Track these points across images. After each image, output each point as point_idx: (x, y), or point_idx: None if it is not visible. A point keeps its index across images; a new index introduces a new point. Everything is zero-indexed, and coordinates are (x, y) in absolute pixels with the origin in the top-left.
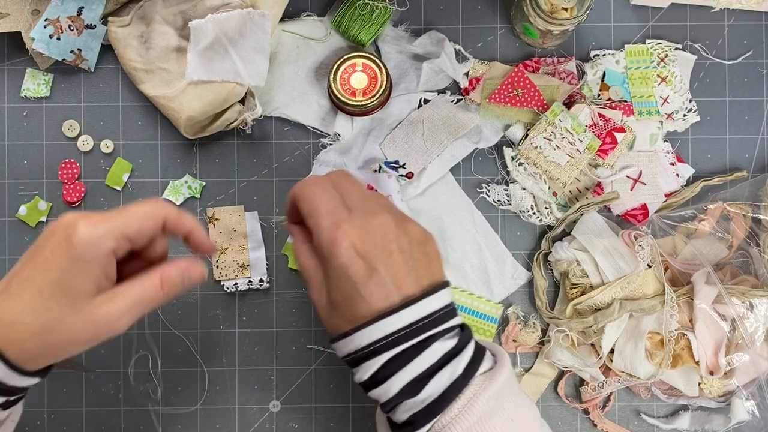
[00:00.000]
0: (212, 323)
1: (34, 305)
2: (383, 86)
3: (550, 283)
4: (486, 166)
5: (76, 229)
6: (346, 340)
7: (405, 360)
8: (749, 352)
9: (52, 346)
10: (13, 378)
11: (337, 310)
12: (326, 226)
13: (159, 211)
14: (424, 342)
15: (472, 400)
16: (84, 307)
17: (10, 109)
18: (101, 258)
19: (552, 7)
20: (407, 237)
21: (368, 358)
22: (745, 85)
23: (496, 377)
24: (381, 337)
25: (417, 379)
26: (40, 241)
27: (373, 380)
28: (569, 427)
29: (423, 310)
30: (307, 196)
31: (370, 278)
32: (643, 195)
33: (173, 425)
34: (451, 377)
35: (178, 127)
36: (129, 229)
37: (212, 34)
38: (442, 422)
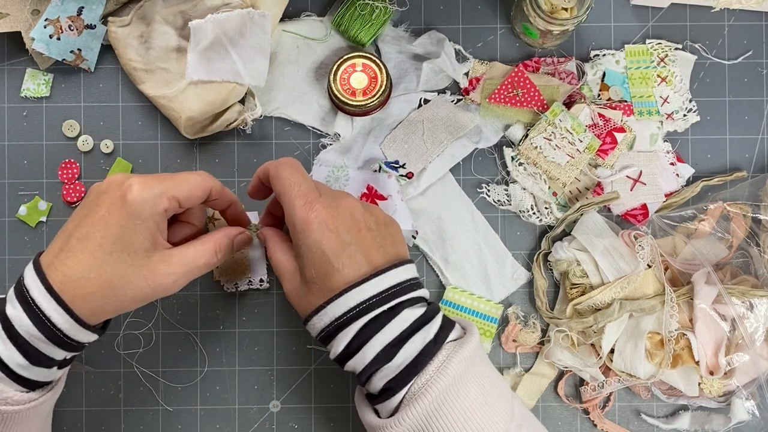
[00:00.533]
0: (212, 323)
1: (97, 260)
2: (383, 86)
3: (550, 283)
4: (486, 166)
5: (131, 187)
6: (321, 314)
7: (378, 326)
8: (749, 352)
9: (114, 300)
10: (78, 332)
11: (312, 287)
12: (300, 205)
13: (207, 181)
14: (395, 309)
15: (445, 363)
16: (144, 263)
17: (10, 109)
18: (156, 216)
19: (552, 7)
20: (374, 218)
21: (342, 328)
22: (745, 85)
23: (466, 343)
24: (354, 305)
25: (391, 344)
26: (92, 199)
27: (348, 350)
28: (569, 427)
29: (392, 280)
30: (283, 176)
31: (343, 251)
32: (643, 195)
33: (173, 425)
34: (424, 341)
35: (178, 127)
36: (180, 193)
37: (212, 34)
38: (418, 385)
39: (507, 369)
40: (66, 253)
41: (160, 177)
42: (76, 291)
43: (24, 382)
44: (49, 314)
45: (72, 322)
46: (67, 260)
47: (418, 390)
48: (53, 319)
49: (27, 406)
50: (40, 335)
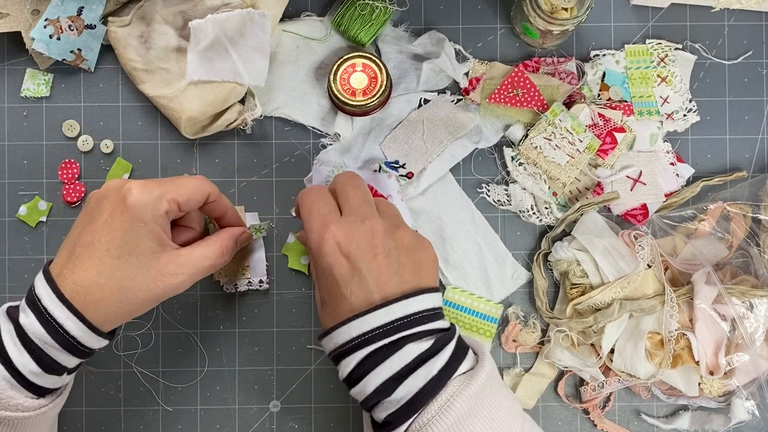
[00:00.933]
0: (212, 323)
1: (106, 266)
2: (383, 86)
3: (550, 283)
4: (486, 166)
5: (131, 191)
6: (329, 337)
7: (379, 359)
8: (749, 352)
9: (126, 303)
10: (91, 339)
11: (325, 309)
12: (315, 228)
13: (206, 186)
14: (397, 342)
15: (449, 402)
16: (152, 264)
17: (10, 109)
18: (158, 218)
19: (552, 7)
20: (395, 242)
21: (346, 355)
22: (745, 85)
23: (474, 379)
24: (356, 335)
25: (392, 378)
26: (92, 206)
27: (351, 378)
28: (569, 427)
29: (399, 312)
30: (304, 203)
31: (353, 278)
32: (643, 195)
33: (173, 425)
34: (426, 378)
35: (178, 127)
36: (180, 196)
37: (212, 34)
38: (419, 423)
39: (507, 369)
40: (74, 262)
41: (159, 180)
42: (88, 298)
43: (34, 389)
44: (62, 322)
45: (85, 329)
46: (76, 268)
47: (420, 429)
48: (66, 326)
49: (37, 412)
50: (53, 343)
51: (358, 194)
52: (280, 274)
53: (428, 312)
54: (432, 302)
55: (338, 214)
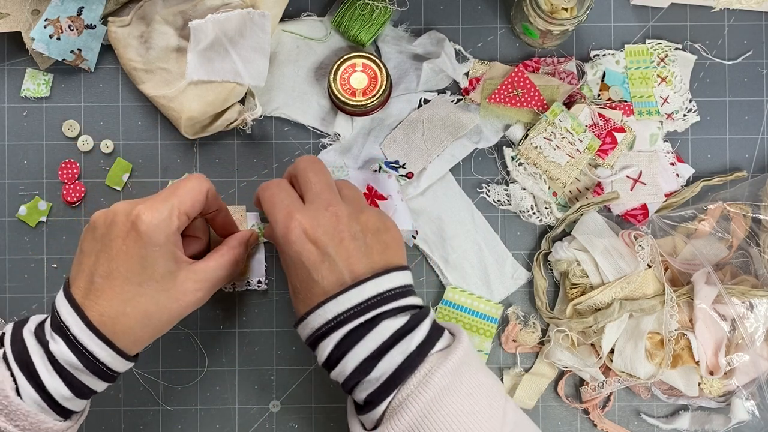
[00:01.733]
0: (212, 323)
1: (129, 294)
2: (383, 86)
3: (550, 283)
4: (486, 166)
5: (140, 217)
6: (304, 323)
7: (356, 338)
8: (749, 352)
9: (153, 327)
10: (119, 363)
11: (297, 297)
12: (280, 219)
13: (204, 184)
14: (373, 320)
15: (427, 376)
16: (172, 285)
17: (10, 109)
18: (171, 237)
19: (552, 7)
20: (360, 225)
21: (323, 338)
22: (745, 85)
23: (452, 353)
24: (331, 317)
25: (370, 357)
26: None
27: (330, 361)
28: (569, 427)
29: (371, 290)
30: (266, 197)
31: (322, 263)
32: (643, 195)
33: (173, 425)
34: (404, 354)
35: (178, 127)
36: (184, 205)
37: (212, 34)
38: (399, 399)
39: (507, 369)
40: (95, 294)
41: (164, 196)
42: (117, 327)
43: (63, 412)
44: (93, 350)
45: (114, 354)
46: (99, 299)
47: (399, 404)
48: (97, 354)
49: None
50: (84, 369)
51: (320, 180)
52: (279, 274)
53: (400, 289)
54: (402, 279)
55: (301, 203)
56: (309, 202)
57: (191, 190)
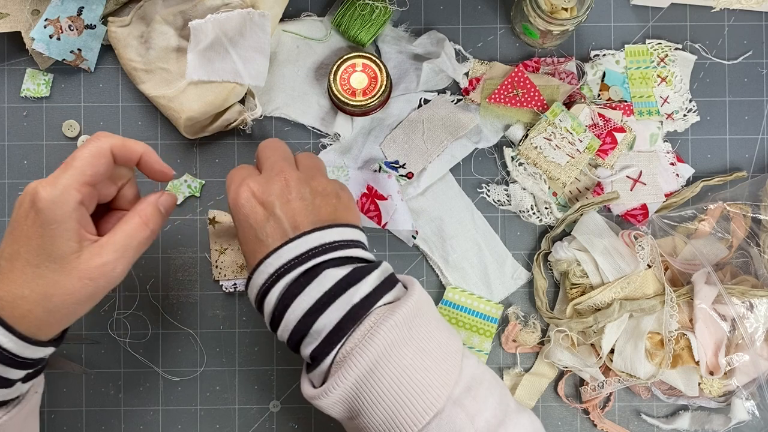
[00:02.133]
0: (212, 323)
1: (27, 276)
2: (383, 86)
3: (550, 283)
4: (486, 166)
5: (37, 193)
6: (250, 283)
7: (297, 289)
8: (749, 352)
9: (57, 311)
10: (27, 349)
11: (247, 262)
12: (233, 188)
13: (103, 144)
14: (314, 270)
15: (373, 329)
16: (75, 265)
17: (10, 109)
18: (71, 213)
19: (552, 7)
20: (309, 188)
21: (266, 295)
22: (745, 85)
23: (400, 307)
24: (273, 270)
25: (311, 310)
26: (14, 215)
27: (273, 320)
28: (569, 427)
29: (315, 241)
30: (228, 176)
31: (267, 222)
32: (643, 195)
33: (173, 425)
34: (347, 306)
35: (178, 127)
36: (84, 175)
37: (212, 34)
38: (343, 353)
39: (507, 369)
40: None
41: (60, 171)
42: (15, 312)
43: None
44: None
45: (17, 340)
46: (1, 283)
47: (343, 358)
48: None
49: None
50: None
51: (276, 153)
52: None
53: (347, 241)
54: (352, 234)
55: (257, 173)
56: (264, 171)
57: (89, 155)
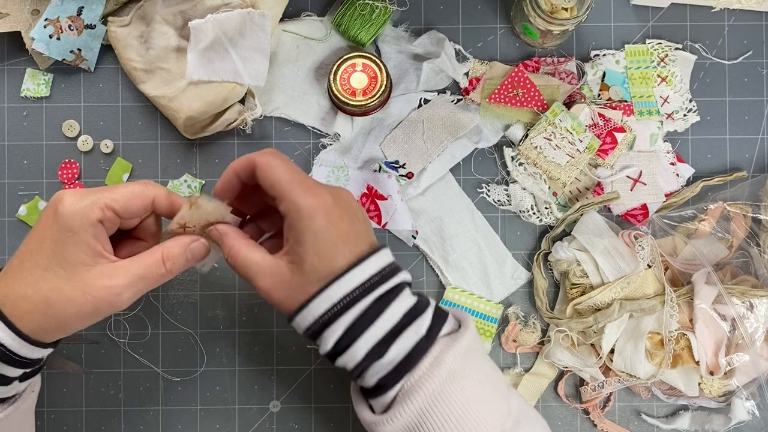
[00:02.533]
0: (212, 323)
1: (34, 277)
2: (383, 86)
3: (550, 283)
4: (486, 166)
5: (62, 199)
6: (306, 310)
7: (368, 321)
8: (749, 352)
9: (55, 318)
10: (25, 348)
11: (311, 276)
12: (302, 192)
13: (148, 191)
14: (382, 301)
15: (438, 359)
16: (81, 277)
17: (10, 109)
18: (89, 227)
19: (552, 7)
20: (362, 211)
21: (329, 325)
22: (745, 85)
23: (460, 337)
24: (338, 299)
25: (382, 340)
26: (39, 217)
27: (338, 348)
28: (569, 427)
29: (372, 267)
30: (275, 165)
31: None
32: (643, 195)
33: (173, 425)
34: (416, 336)
35: (178, 127)
36: (115, 202)
37: (212, 34)
38: (411, 382)
39: (507, 369)
40: (7, 274)
41: (95, 189)
42: (15, 310)
43: None
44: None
45: (16, 338)
46: (8, 279)
47: (411, 386)
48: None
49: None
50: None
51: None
52: None
53: (393, 264)
54: (389, 255)
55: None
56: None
57: (130, 192)
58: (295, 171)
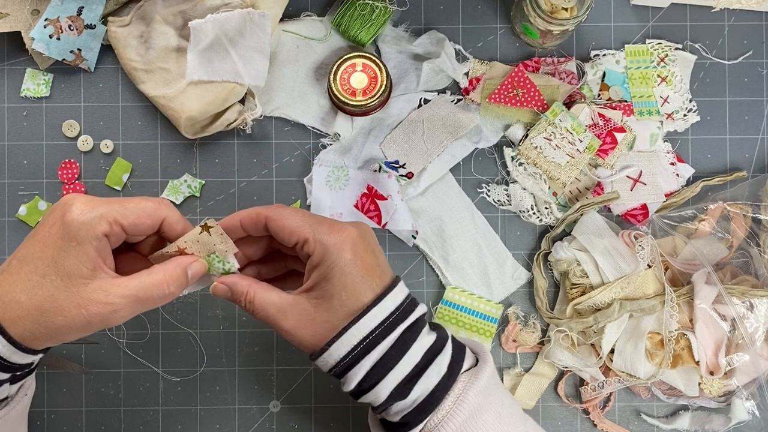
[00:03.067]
0: (212, 323)
1: (30, 283)
2: (383, 86)
3: (550, 283)
4: (486, 166)
5: (71, 207)
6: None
7: (390, 364)
8: (749, 352)
9: (45, 326)
10: (14, 354)
11: (338, 312)
12: (327, 229)
13: (159, 211)
14: (402, 341)
15: (461, 397)
16: (78, 289)
17: (10, 109)
18: (94, 240)
19: (552, 7)
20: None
21: (352, 367)
22: (745, 85)
23: (481, 373)
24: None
25: (405, 380)
26: (42, 219)
27: (361, 388)
28: (569, 427)
29: (390, 304)
30: (287, 214)
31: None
32: (643, 195)
33: (173, 425)
34: (439, 375)
35: (178, 127)
36: (125, 218)
37: (212, 34)
38: (435, 420)
39: (507, 369)
40: (4, 275)
41: (106, 200)
42: (7, 314)
43: None
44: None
45: (5, 342)
46: (4, 282)
47: (435, 425)
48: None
49: None
50: None
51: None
52: None
53: (410, 297)
54: (405, 288)
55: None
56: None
57: (142, 209)
58: (311, 214)
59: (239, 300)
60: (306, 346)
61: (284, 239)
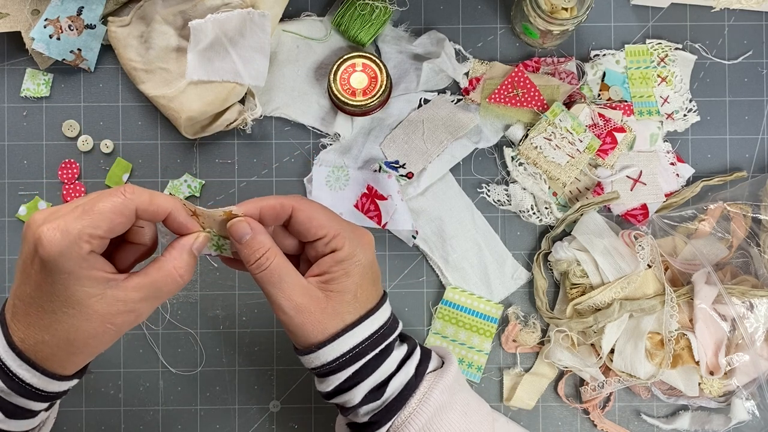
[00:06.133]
0: (212, 323)
1: (45, 322)
2: (383, 86)
3: (550, 283)
4: (486, 166)
5: (41, 241)
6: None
7: (370, 369)
8: (749, 352)
9: (81, 351)
10: (51, 384)
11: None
12: (353, 229)
13: (129, 204)
14: (386, 351)
15: (426, 395)
16: (95, 309)
17: (10, 109)
18: (81, 262)
19: (552, 7)
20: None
21: (335, 372)
22: (745, 85)
23: (445, 373)
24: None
25: (379, 384)
26: (21, 249)
27: (339, 389)
28: (569, 427)
29: (381, 318)
30: (316, 208)
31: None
32: (643, 195)
33: (173, 425)
34: (407, 376)
35: (178, 127)
36: (98, 229)
37: (212, 34)
38: (401, 418)
39: (507, 369)
40: (17, 317)
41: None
42: (38, 354)
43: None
44: (16, 371)
45: (41, 376)
46: (19, 323)
47: (402, 423)
48: (21, 375)
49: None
50: (9, 391)
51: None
52: None
53: (392, 315)
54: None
55: None
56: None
57: (111, 211)
58: (331, 210)
59: (256, 252)
60: (304, 332)
61: (310, 231)
